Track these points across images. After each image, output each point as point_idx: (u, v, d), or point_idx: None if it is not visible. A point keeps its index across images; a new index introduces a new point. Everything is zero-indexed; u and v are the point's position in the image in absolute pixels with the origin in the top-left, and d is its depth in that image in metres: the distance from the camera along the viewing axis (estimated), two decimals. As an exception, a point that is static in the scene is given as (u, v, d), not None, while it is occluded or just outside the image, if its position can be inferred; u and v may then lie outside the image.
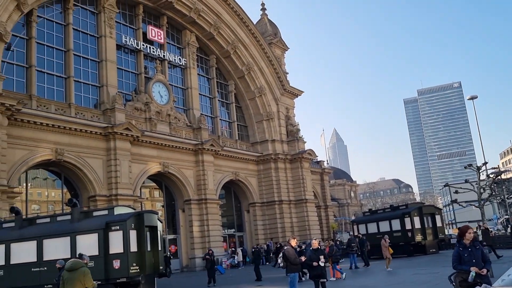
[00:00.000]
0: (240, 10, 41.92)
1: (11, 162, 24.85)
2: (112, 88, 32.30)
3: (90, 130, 29.22)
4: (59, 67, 30.55)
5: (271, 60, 45.10)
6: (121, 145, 30.34)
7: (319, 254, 13.47)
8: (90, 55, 32.57)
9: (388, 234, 31.85)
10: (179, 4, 37.46)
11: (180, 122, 37.11)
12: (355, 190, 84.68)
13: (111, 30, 33.41)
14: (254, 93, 44.27)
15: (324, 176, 56.71)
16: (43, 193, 30.78)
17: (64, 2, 31.50)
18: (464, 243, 7.96)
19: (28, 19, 28.92)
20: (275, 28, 49.57)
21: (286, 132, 45.85)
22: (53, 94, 29.68)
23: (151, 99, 34.88)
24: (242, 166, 42.00)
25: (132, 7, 36.53)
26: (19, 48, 28.41)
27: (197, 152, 36.81)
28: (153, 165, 33.52)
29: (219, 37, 41.22)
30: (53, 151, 27.12)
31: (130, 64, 35.69)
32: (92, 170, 29.10)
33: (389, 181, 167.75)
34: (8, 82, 26.38)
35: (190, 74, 39.91)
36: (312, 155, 46.19)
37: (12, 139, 24.84)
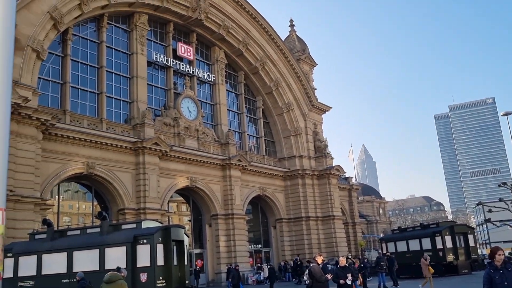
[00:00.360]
0: (268, 27, 42.35)
1: (45, 175, 25.59)
2: (142, 103, 33.00)
3: (120, 144, 29.85)
4: (92, 83, 31.47)
5: (299, 76, 45.23)
6: (150, 159, 30.85)
7: (346, 272, 13.28)
8: (121, 72, 33.45)
9: (418, 253, 31.15)
10: (209, 21, 38.16)
11: (208, 137, 37.50)
12: (384, 207, 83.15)
13: (143, 47, 34.28)
14: (282, 109, 44.39)
15: (352, 193, 55.97)
16: (74, 205, 31.50)
17: (99, 21, 32.55)
18: (495, 264, 7.72)
19: (64, 37, 29.98)
20: (304, 44, 49.77)
21: (314, 148, 45.66)
22: (86, 109, 30.55)
23: (180, 115, 35.42)
24: (269, 181, 41.98)
25: (163, 25, 37.41)
26: (54, 65, 29.43)
27: (224, 167, 37.05)
28: (181, 180, 33.90)
29: (248, 53, 41.68)
30: (85, 165, 27.82)
31: (160, 80, 36.43)
32: (122, 184, 29.65)
33: (419, 199, 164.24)
34: (43, 97, 27.30)
35: (219, 90, 40.40)
36: (340, 171, 45.79)
37: (46, 153, 25.62)
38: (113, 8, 32.10)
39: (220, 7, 38.60)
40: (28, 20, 25.64)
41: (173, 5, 35.30)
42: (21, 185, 23.00)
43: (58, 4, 27.34)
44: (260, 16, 41.69)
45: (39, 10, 26.41)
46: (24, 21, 25.32)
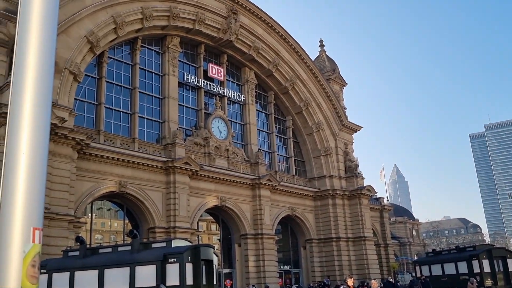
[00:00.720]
0: (298, 47, 42.63)
1: (79, 193, 26.26)
2: (173, 123, 33.59)
3: (152, 164, 30.37)
4: (125, 104, 32.32)
5: (329, 96, 45.14)
6: (180, 178, 31.22)
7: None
8: (154, 92, 34.24)
9: (454, 277, 30.11)
10: (239, 42, 38.74)
11: (238, 157, 37.71)
12: (418, 229, 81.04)
13: (174, 68, 35.06)
14: (311, 129, 44.27)
15: (384, 213, 54.88)
16: (107, 223, 32.10)
17: (133, 44, 33.56)
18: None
19: (99, 60, 31.03)
20: (333, 64, 49.77)
21: (344, 167, 45.18)
22: (119, 129, 31.33)
23: (211, 134, 35.82)
24: (299, 201, 41.69)
25: (194, 47, 38.21)
26: (90, 87, 30.42)
27: (254, 187, 37.07)
28: (211, 199, 34.09)
29: (278, 73, 41.99)
30: (117, 184, 28.40)
31: (191, 100, 37.06)
32: (152, 203, 30.06)
33: (454, 220, 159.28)
34: (79, 118, 28.19)
35: (249, 110, 40.72)
36: (371, 192, 45.08)
37: (81, 172, 26.33)
38: (146, 31, 33.08)
39: (251, 29, 39.21)
40: (66, 44, 26.70)
41: (204, 27, 36.08)
42: (56, 203, 23.65)
43: (94, 29, 28.41)
44: (290, 37, 42.06)
45: (77, 34, 27.49)
46: (62, 45, 26.37)
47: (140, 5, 31.48)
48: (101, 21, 28.94)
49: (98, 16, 28.91)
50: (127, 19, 30.62)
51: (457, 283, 29.68)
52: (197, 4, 35.21)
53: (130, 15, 30.87)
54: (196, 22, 35.33)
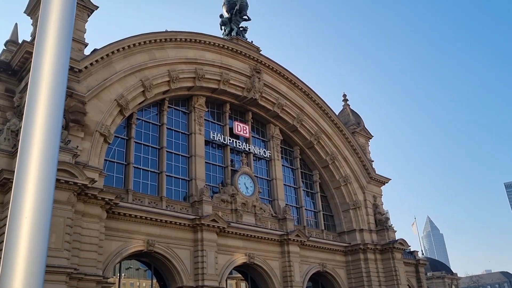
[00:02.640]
0: (322, 102, 43.24)
1: (107, 253, 26.45)
2: (200, 181, 33.98)
3: (179, 221, 30.52)
4: (153, 163, 33.06)
5: (355, 149, 45.06)
6: (208, 236, 31.14)
7: None
8: (181, 151, 34.99)
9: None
10: (263, 100, 39.66)
11: (266, 212, 37.51)
12: (457, 284, 77.15)
13: (200, 127, 35.97)
14: (339, 182, 43.92)
15: (420, 268, 52.66)
16: (135, 283, 31.94)
17: (160, 105, 34.82)
18: None
19: (128, 121, 32.21)
20: (358, 117, 50.05)
21: (374, 221, 44.20)
22: (147, 188, 31.88)
23: (237, 191, 35.97)
24: (329, 257, 40.68)
25: (219, 105, 39.28)
26: (119, 148, 31.41)
27: (282, 243, 36.53)
28: (239, 256, 33.68)
29: (302, 128, 42.42)
30: (145, 242, 28.53)
31: (218, 158, 37.61)
32: (180, 261, 29.90)
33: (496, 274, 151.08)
34: (108, 178, 28.92)
35: (275, 166, 40.92)
36: (404, 245, 43.65)
37: (109, 231, 26.65)
38: (173, 92, 34.37)
39: (274, 86, 40.21)
40: (97, 108, 27.96)
41: (229, 87, 37.23)
42: (85, 263, 23.83)
43: (124, 92, 29.74)
44: (313, 92, 42.83)
45: (107, 98, 28.81)
46: (94, 109, 27.64)
47: (167, 69, 32.95)
48: (130, 85, 30.34)
49: (127, 80, 30.35)
50: (154, 82, 32.00)
51: None
52: (221, 65, 36.59)
53: (157, 78, 32.28)
54: (221, 82, 36.55)
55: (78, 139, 25.75)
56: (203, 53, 35.76)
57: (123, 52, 30.22)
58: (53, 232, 21.98)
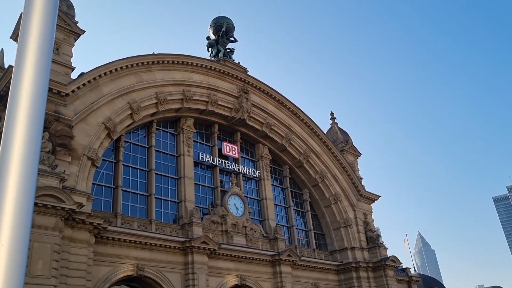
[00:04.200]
0: (310, 121, 43.46)
1: (96, 278, 25.94)
2: (190, 203, 33.70)
3: (169, 244, 30.12)
4: (142, 185, 32.77)
5: (344, 167, 45.16)
6: (198, 258, 30.75)
7: None
8: (170, 173, 34.76)
9: None
10: (251, 120, 39.75)
11: (256, 233, 37.22)
12: (451, 301, 76.81)
13: (189, 149, 35.85)
14: (329, 200, 43.87)
15: (412, 285, 52.34)
16: (125, 309, 31.20)
17: (148, 127, 34.70)
18: None
19: (116, 144, 32.00)
20: (346, 135, 50.32)
21: (365, 238, 44.05)
22: (136, 211, 31.50)
23: (227, 212, 35.71)
24: (321, 276, 40.33)
25: (208, 126, 39.27)
26: (107, 171, 31.10)
27: (274, 263, 36.18)
28: (230, 278, 33.25)
29: (291, 148, 42.49)
30: (135, 267, 28.06)
31: (207, 179, 37.41)
32: (171, 285, 29.41)
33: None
34: (96, 202, 28.55)
35: (265, 185, 40.79)
36: (396, 262, 43.48)
37: (98, 256, 26.19)
38: (161, 114, 34.32)
39: (262, 106, 40.37)
40: (85, 132, 27.76)
41: (217, 108, 37.30)
42: (73, 290, 23.30)
43: (111, 115, 29.61)
44: (301, 111, 43.06)
45: (94, 122, 28.64)
46: (81, 133, 27.44)
47: (154, 91, 32.96)
48: (117, 108, 30.24)
49: (115, 103, 30.25)
50: (142, 104, 31.94)
51: None
52: (209, 86, 36.71)
53: (145, 101, 32.24)
54: (209, 103, 36.62)
55: (65, 163, 25.47)
56: (191, 74, 35.89)
57: (110, 76, 30.20)
58: (40, 259, 21.56)
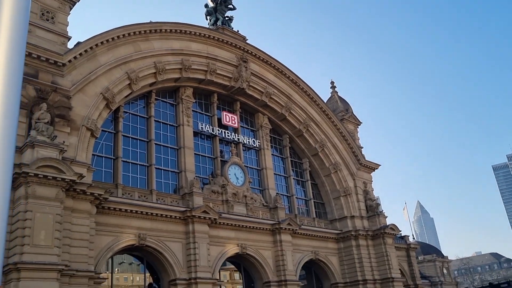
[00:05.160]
0: (310, 90, 43.11)
1: (98, 248, 26.22)
2: (190, 173, 33.77)
3: (170, 214, 30.34)
4: (142, 156, 32.75)
5: (344, 136, 45.10)
6: (199, 228, 31.03)
7: None
8: (169, 143, 34.70)
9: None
10: (251, 89, 39.40)
11: (257, 202, 37.46)
12: (448, 267, 78.02)
13: (188, 119, 35.66)
14: (329, 170, 44.00)
15: (411, 252, 53.23)
16: (129, 277, 31.79)
17: (147, 97, 34.42)
18: None
19: (115, 115, 31.79)
20: (346, 104, 50.04)
21: (365, 207, 44.42)
22: (136, 182, 31.58)
23: (228, 182, 35.83)
24: (321, 244, 40.84)
25: (207, 96, 38.97)
26: (107, 142, 31.03)
27: (274, 232, 36.56)
28: (231, 247, 33.65)
29: (291, 117, 42.30)
30: (136, 236, 28.33)
31: (207, 149, 37.39)
32: (172, 254, 29.78)
33: (486, 256, 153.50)
34: (97, 173, 28.60)
35: (265, 155, 40.81)
36: (395, 230, 43.96)
37: (99, 226, 26.40)
38: (160, 84, 33.97)
39: (262, 75, 39.94)
40: (83, 102, 27.51)
41: (216, 77, 36.90)
42: (76, 259, 23.60)
43: (110, 85, 29.29)
44: (300, 80, 42.67)
45: (92, 92, 28.35)
46: (79, 103, 27.19)
47: (153, 60, 32.51)
48: (116, 78, 29.89)
49: (112, 73, 29.88)
50: (140, 74, 31.57)
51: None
52: (208, 55, 36.21)
53: (143, 70, 31.84)
54: (208, 72, 36.21)
55: (65, 135, 25.35)
56: (189, 43, 35.34)
57: (107, 45, 29.71)
58: (43, 229, 21.73)
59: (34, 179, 21.98)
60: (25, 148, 22.95)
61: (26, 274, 20.71)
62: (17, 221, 21.63)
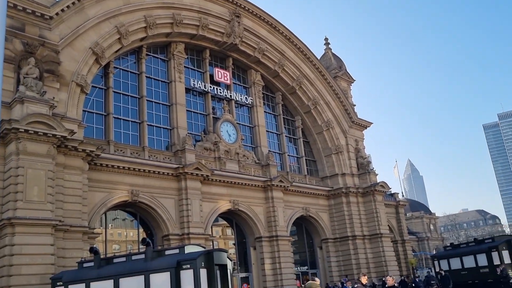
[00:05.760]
0: (303, 46, 42.48)
1: (92, 204, 26.38)
2: (182, 130, 33.63)
3: (163, 171, 30.43)
4: (133, 113, 32.45)
5: (337, 93, 44.90)
6: (192, 184, 31.23)
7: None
8: (161, 100, 34.34)
9: (474, 270, 29.65)
10: (244, 45, 38.71)
11: (249, 159, 37.63)
12: (435, 223, 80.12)
13: (180, 75, 35.14)
14: (321, 127, 44.07)
15: (400, 209, 54.37)
16: (122, 233, 32.20)
17: (138, 53, 33.71)
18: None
19: (105, 70, 31.20)
20: (340, 61, 49.53)
21: (356, 165, 44.86)
22: (128, 139, 31.44)
23: (220, 139, 35.81)
24: (312, 201, 41.46)
25: (199, 52, 38.28)
26: (98, 98, 30.61)
27: (266, 189, 36.95)
28: (223, 203, 34.05)
29: (284, 74, 41.87)
30: (129, 193, 28.49)
31: (199, 105, 37.10)
32: (165, 210, 30.09)
33: (472, 213, 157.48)
34: (88, 129, 28.35)
35: (257, 112, 40.65)
36: (385, 188, 44.66)
37: (92, 183, 26.45)
38: (151, 39, 33.21)
39: (254, 31, 39.15)
40: (72, 57, 26.89)
41: (208, 32, 36.10)
42: (70, 215, 23.76)
43: (99, 40, 28.56)
44: (294, 36, 41.94)
45: (81, 46, 27.66)
46: (68, 58, 26.58)
47: (143, 14, 31.61)
48: (105, 32, 29.10)
49: (101, 27, 29.07)
50: (130, 28, 30.76)
51: (477, 276, 29.25)
52: (200, 10, 35.27)
53: (133, 24, 31.01)
54: (200, 27, 35.38)
55: (54, 90, 24.92)
56: (180, -3, 34.29)
57: (95, -3, 28.71)
58: (35, 185, 21.73)
59: (24, 135, 21.77)
60: (14, 103, 22.59)
61: (21, 229, 20.90)
62: (9, 177, 21.59)
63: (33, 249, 21.02)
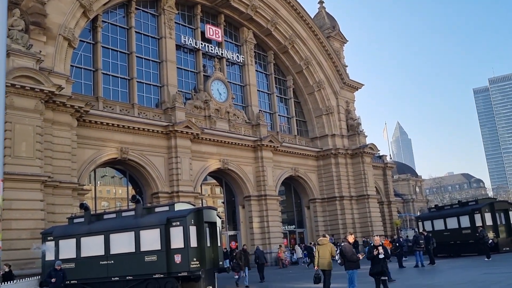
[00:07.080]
0: (297, 5, 41.58)
1: (81, 161, 26.27)
2: (172, 87, 33.20)
3: (152, 129, 30.23)
4: (123, 69, 31.85)
5: (330, 54, 44.40)
6: (181, 143, 31.15)
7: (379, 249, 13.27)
8: (151, 56, 33.67)
9: (456, 231, 30.37)
10: (236, 1, 37.77)
11: (239, 119, 37.48)
12: (421, 186, 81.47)
13: (171, 31, 34.33)
14: (312, 88, 43.81)
15: (387, 171, 55.07)
16: (111, 190, 32.29)
17: (127, 7, 32.75)
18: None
19: (94, 24, 30.34)
20: (333, 21, 48.70)
21: (346, 126, 44.99)
22: (118, 95, 31.01)
23: (210, 97, 35.48)
24: (301, 161, 41.75)
25: (190, 8, 37.30)
26: (86, 53, 29.90)
27: (256, 149, 37.04)
28: (213, 162, 34.13)
29: (277, 32, 41.15)
30: (119, 150, 28.37)
31: (190, 63, 36.51)
32: (155, 168, 30.10)
33: (458, 176, 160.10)
34: (77, 85, 27.84)
35: (248, 71, 40.17)
36: (373, 150, 45.04)
37: (81, 139, 26.23)
38: (140, -7, 32.15)
39: (247, -13, 38.06)
40: (58, 9, 26.04)
41: (199, -13, 35.03)
42: (59, 171, 23.68)
43: (86, -8, 27.55)
44: (288, -6, 40.90)
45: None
46: (54, 10, 25.74)
47: (132, -34, 30.45)
48: (92, -16, 28.05)
49: (89, -22, 27.99)
50: (119, -19, 29.70)
51: (459, 237, 30.01)
52: (191, -38, 34.07)
53: (122, -23, 29.93)
54: (191, -19, 34.28)
55: (41, 44, 24.25)
56: (171, -52, 33.02)
57: None
58: (23, 141, 21.50)
59: (11, 89, 21.30)
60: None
61: (10, 185, 20.74)
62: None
63: (23, 204, 21.01)
